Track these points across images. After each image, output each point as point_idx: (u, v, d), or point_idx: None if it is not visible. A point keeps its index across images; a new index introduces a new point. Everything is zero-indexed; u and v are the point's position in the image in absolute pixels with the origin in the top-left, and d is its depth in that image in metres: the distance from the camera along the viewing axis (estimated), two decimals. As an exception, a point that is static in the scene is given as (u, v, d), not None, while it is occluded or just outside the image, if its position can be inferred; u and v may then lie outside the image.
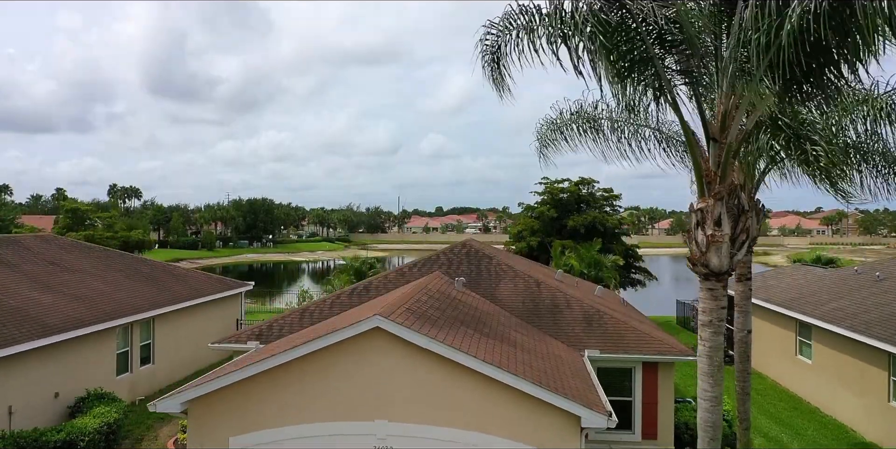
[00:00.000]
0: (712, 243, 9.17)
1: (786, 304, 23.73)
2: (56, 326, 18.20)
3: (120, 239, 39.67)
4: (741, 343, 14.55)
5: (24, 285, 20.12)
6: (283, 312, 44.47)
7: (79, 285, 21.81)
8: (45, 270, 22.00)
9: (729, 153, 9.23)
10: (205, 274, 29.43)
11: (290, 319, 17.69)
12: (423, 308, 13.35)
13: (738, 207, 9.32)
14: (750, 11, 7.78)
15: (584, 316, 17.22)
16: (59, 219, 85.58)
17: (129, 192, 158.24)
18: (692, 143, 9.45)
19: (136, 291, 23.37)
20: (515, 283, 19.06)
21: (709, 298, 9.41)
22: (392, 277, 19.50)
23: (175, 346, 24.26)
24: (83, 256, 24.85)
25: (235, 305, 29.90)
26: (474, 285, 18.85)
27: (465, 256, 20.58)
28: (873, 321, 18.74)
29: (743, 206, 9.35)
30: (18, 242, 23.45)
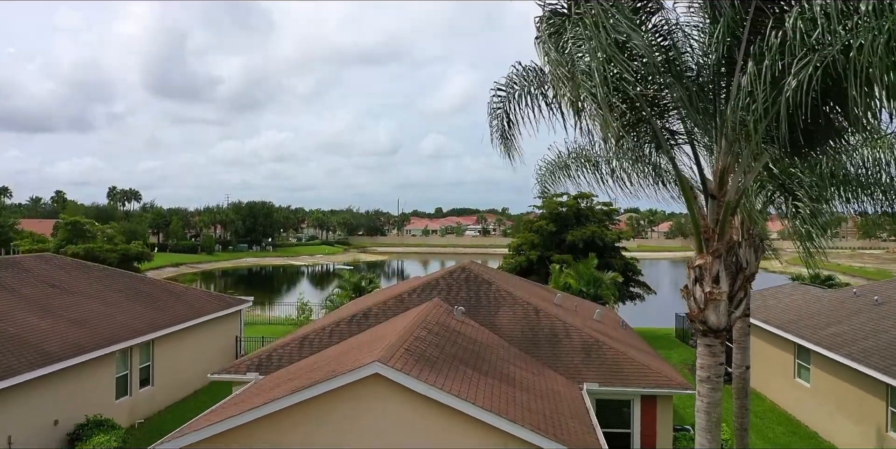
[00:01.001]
0: (710, 301, 9.20)
1: (784, 326, 23.76)
2: (55, 354, 18.22)
3: (120, 251, 39.62)
4: (739, 379, 14.59)
5: (24, 310, 20.14)
6: (282, 321, 44.69)
7: (78, 308, 21.83)
8: (44, 292, 22.02)
9: (727, 211, 9.27)
10: (204, 292, 29.44)
11: (289, 348, 17.71)
12: (423, 346, 13.38)
13: (737, 265, 9.36)
14: (745, 84, 7.83)
15: (582, 346, 17.26)
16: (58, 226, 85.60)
17: (128, 194, 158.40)
18: (690, 199, 9.48)
19: (136, 313, 23.40)
20: (514, 310, 19.09)
21: (707, 354, 9.44)
22: (391, 303, 19.53)
23: (174, 366, 24.27)
24: (82, 276, 24.87)
25: (235, 321, 29.92)
26: (474, 312, 18.89)
27: (464, 282, 20.61)
28: (872, 349, 18.78)
29: (741, 263, 9.39)
30: (18, 263, 23.46)
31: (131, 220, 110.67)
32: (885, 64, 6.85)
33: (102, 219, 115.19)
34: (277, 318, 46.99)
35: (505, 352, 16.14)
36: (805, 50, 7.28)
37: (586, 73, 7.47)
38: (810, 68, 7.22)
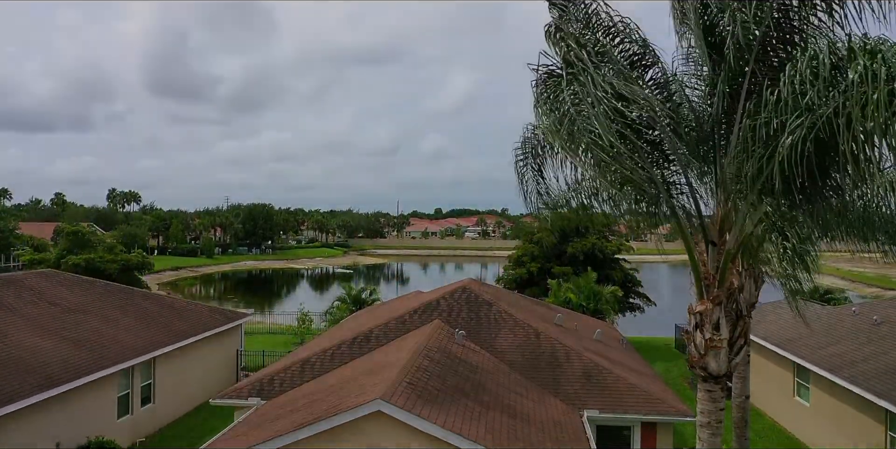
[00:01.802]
0: (711, 348, 9.27)
1: (784, 344, 23.84)
2: (58, 377, 18.27)
3: (120, 262, 39.67)
4: (739, 409, 14.66)
5: (26, 331, 20.19)
6: (283, 330, 44.69)
7: (80, 327, 21.88)
8: (46, 311, 22.07)
9: (728, 258, 9.33)
10: (205, 306, 29.50)
11: (291, 372, 17.75)
12: (425, 378, 13.46)
13: (737, 312, 9.42)
14: (740, 140, 7.91)
15: (583, 371, 17.33)
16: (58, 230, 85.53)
17: (128, 196, 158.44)
18: (690, 245, 9.55)
19: (137, 331, 23.45)
20: (515, 332, 19.17)
21: (707, 400, 9.51)
22: (392, 325, 19.59)
23: (176, 383, 24.33)
24: (84, 292, 24.93)
25: (235, 335, 29.97)
26: (474, 335, 18.96)
27: (464, 302, 20.68)
28: (871, 372, 18.85)
29: (741, 310, 9.45)
30: (20, 281, 23.52)
31: (131, 224, 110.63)
32: (879, 127, 6.91)
33: (102, 222, 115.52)
34: (278, 326, 47.02)
35: (506, 378, 16.21)
36: (798, 111, 7.34)
37: (583, 132, 7.56)
38: (804, 128, 7.29)
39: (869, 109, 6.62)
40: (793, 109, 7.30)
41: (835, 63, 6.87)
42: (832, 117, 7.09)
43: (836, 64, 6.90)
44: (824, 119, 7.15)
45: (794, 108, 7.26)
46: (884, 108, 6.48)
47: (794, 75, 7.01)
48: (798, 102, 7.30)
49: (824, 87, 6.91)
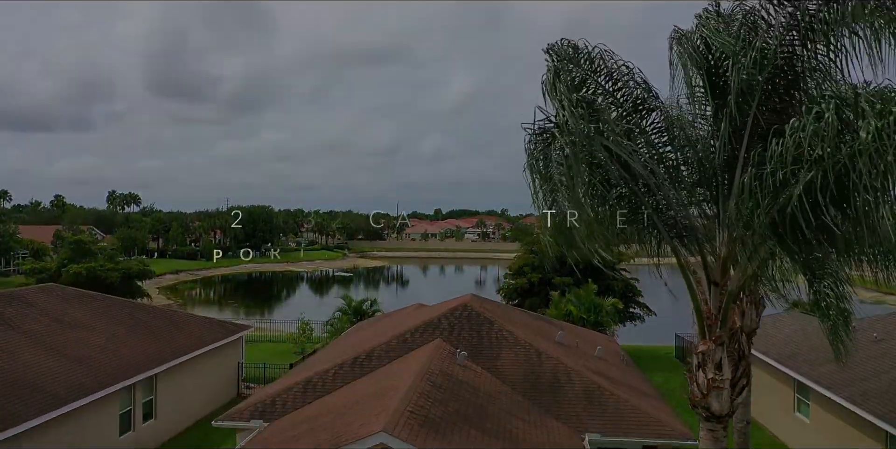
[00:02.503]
0: (713, 388, 9.32)
1: (784, 360, 23.88)
2: (61, 397, 18.32)
3: (121, 270, 39.72)
4: (740, 434, 14.72)
5: (28, 349, 20.24)
6: (283, 338, 44.69)
7: (81, 344, 21.93)
8: (48, 328, 22.12)
9: (730, 299, 9.39)
10: (205, 318, 29.53)
11: (293, 393, 17.79)
12: (427, 405, 13.50)
13: (739, 352, 9.47)
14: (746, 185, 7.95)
15: (584, 392, 17.38)
16: (58, 235, 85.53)
17: (127, 198, 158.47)
18: (692, 286, 9.60)
19: (138, 346, 23.50)
20: (516, 352, 19.21)
21: (709, 439, 9.57)
22: (394, 344, 19.62)
23: (177, 398, 24.38)
24: (85, 307, 24.97)
25: (236, 347, 30.02)
26: (476, 354, 19.00)
27: (465, 320, 20.71)
28: (871, 392, 18.90)
29: (743, 350, 9.51)
30: (22, 297, 23.57)
31: (131, 227, 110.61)
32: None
33: (102, 224, 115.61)
34: (279, 331, 47.06)
35: (507, 401, 16.25)
36: (807, 164, 7.39)
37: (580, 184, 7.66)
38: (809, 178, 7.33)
39: (881, 164, 6.69)
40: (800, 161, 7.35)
41: (844, 119, 6.92)
42: (843, 169, 7.16)
43: (844, 119, 6.95)
44: (833, 170, 7.20)
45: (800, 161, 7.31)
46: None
47: (801, 131, 7.07)
48: (805, 155, 7.35)
49: (833, 145, 6.96)
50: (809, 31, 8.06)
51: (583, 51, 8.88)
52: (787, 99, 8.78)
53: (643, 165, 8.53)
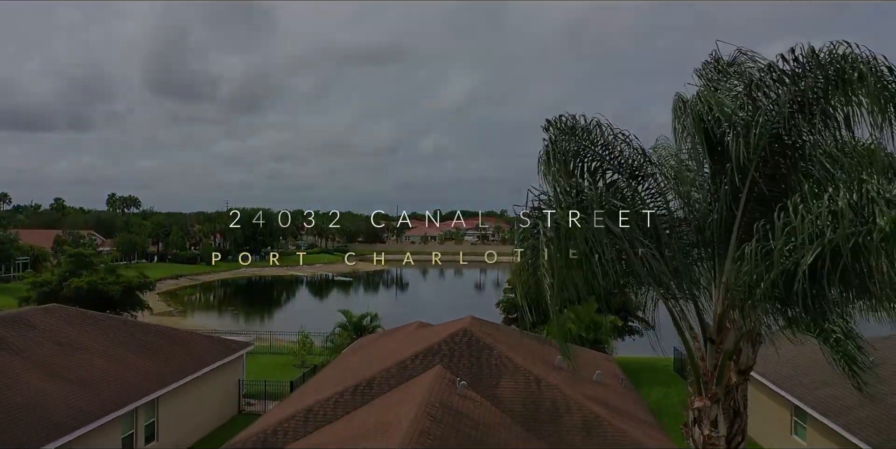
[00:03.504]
0: (709, 445, 9.49)
1: (781, 382, 24.05)
2: (64, 423, 18.49)
3: (122, 283, 39.91)
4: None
5: (31, 374, 20.40)
6: (284, 350, 44.88)
7: (84, 368, 22.10)
8: (50, 351, 22.28)
9: (726, 357, 9.55)
10: (206, 336, 29.70)
11: (294, 422, 17.94)
12: (428, 442, 13.67)
13: (735, 409, 9.64)
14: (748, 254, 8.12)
15: (583, 423, 17.53)
16: (59, 241, 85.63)
17: (127, 201, 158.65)
18: (688, 343, 9.77)
19: (141, 368, 23.67)
20: (516, 380, 19.37)
21: (705, 489, 9.72)
22: (394, 371, 19.78)
23: (179, 418, 24.55)
24: (87, 329, 25.13)
25: (237, 365, 30.19)
26: (475, 382, 19.16)
27: (465, 346, 20.88)
28: (867, 420, 19.08)
29: (739, 407, 9.67)
30: (24, 319, 23.73)
31: (131, 231, 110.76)
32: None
33: (102, 228, 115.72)
34: (279, 340, 47.23)
35: (507, 434, 16.42)
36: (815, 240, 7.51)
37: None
38: (814, 253, 7.49)
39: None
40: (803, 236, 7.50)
41: (853, 205, 7.09)
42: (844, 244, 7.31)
43: (853, 205, 7.12)
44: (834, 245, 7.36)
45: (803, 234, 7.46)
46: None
47: (809, 214, 7.25)
48: (813, 226, 7.49)
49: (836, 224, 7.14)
50: (808, 104, 8.24)
51: (580, 124, 9.10)
52: (785, 165, 8.95)
53: (637, 230, 8.70)
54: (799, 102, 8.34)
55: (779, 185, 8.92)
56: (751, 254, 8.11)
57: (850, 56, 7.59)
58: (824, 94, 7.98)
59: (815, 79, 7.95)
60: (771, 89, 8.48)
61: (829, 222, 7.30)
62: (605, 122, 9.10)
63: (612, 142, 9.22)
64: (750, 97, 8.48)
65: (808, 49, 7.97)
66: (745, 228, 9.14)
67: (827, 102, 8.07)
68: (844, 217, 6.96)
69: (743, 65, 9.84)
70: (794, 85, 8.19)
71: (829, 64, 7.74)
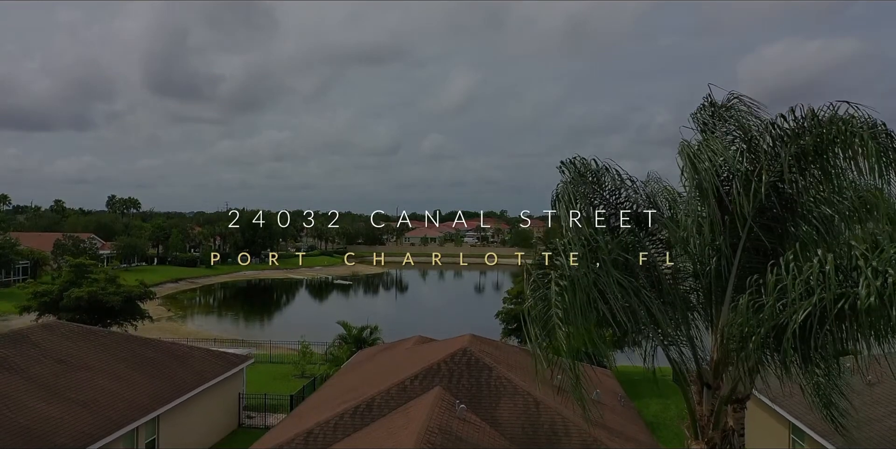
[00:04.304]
0: (706, 489, 9.58)
1: (778, 399, 24.12)
2: (66, 446, 18.57)
3: (123, 293, 39.99)
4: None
5: (32, 395, 20.48)
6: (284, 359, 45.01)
7: (85, 387, 22.18)
8: (51, 370, 22.36)
9: (723, 402, 9.65)
10: (206, 350, 29.78)
11: (294, 446, 18.06)
12: (427, 474, 13.78)
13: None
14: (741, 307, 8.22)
15: (581, 446, 17.63)
16: (59, 245, 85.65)
17: (127, 203, 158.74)
18: (686, 387, 9.86)
19: (142, 386, 23.76)
20: (515, 401, 19.46)
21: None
22: (394, 392, 19.87)
23: (179, 435, 24.65)
24: (88, 345, 25.23)
25: (238, 378, 30.28)
26: (475, 403, 19.26)
27: (465, 367, 20.97)
28: (863, 440, 19.17)
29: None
30: (26, 337, 23.81)
31: (131, 235, 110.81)
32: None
33: (102, 231, 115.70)
34: (279, 354, 47.31)
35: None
36: (800, 295, 7.65)
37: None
38: (807, 310, 7.60)
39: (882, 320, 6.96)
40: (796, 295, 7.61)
41: (842, 268, 7.19)
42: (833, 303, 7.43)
43: (842, 268, 7.22)
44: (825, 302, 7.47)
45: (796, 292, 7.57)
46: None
47: (800, 275, 7.35)
48: (807, 285, 7.60)
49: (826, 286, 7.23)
50: (807, 160, 8.35)
51: (591, 167, 9.24)
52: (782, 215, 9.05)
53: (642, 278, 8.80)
54: (798, 157, 8.44)
55: (775, 234, 9.01)
56: (744, 307, 8.22)
57: (849, 120, 7.68)
58: (824, 151, 8.08)
59: (814, 138, 8.05)
60: (770, 144, 8.58)
61: (819, 283, 7.41)
62: (614, 166, 9.26)
63: (619, 186, 9.34)
64: (750, 151, 8.58)
65: (808, 110, 8.07)
66: (742, 275, 9.25)
67: (826, 160, 8.17)
68: (832, 281, 7.06)
69: (737, 108, 9.95)
70: (793, 143, 8.30)
71: (829, 124, 7.83)
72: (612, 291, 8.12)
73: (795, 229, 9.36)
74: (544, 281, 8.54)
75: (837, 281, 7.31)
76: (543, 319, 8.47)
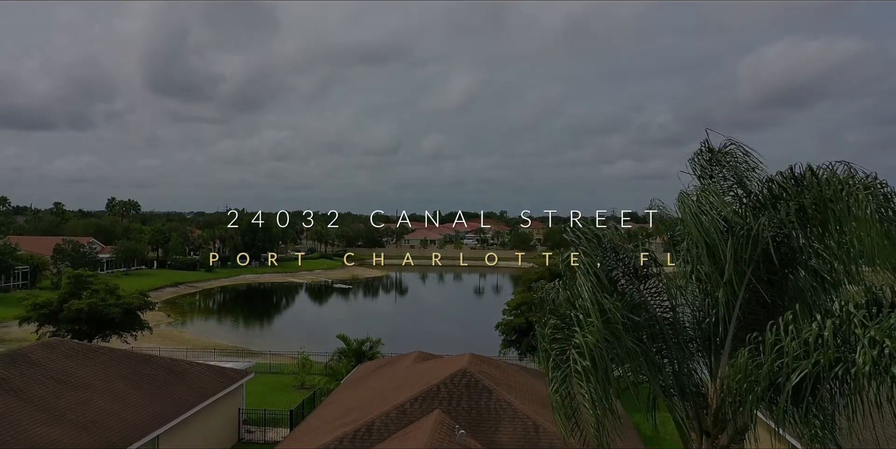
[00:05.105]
0: (705, 538, 9.59)
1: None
2: (65, 471, 18.60)
3: (122, 305, 40.00)
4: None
5: (32, 417, 20.47)
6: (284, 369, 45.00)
7: (85, 407, 22.18)
8: (51, 391, 22.36)
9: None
10: (206, 367, 29.78)
11: (294, 471, 18.08)
12: (426, 507, 13.79)
13: (730, 503, 9.73)
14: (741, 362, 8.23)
15: (581, 473, 17.64)
16: (59, 250, 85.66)
17: (127, 205, 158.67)
18: (686, 436, 9.87)
19: (142, 406, 23.76)
20: (514, 425, 19.47)
21: None
22: (394, 415, 19.88)
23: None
24: (88, 364, 25.23)
25: (238, 393, 30.28)
26: (475, 427, 19.27)
27: (464, 389, 20.98)
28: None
29: (735, 501, 9.77)
30: (25, 356, 23.81)
31: (131, 238, 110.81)
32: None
33: (102, 235, 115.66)
34: (279, 363, 47.32)
35: (505, 488, 16.52)
36: (796, 357, 7.68)
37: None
38: (803, 372, 7.63)
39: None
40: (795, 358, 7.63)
41: (841, 333, 7.21)
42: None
43: (841, 333, 7.24)
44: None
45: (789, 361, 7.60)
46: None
47: (797, 339, 7.36)
48: (795, 352, 7.64)
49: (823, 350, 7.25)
50: (806, 217, 8.36)
51: (596, 233, 9.31)
52: (780, 269, 9.06)
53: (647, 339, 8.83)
54: (798, 213, 8.44)
55: (774, 286, 9.02)
56: (743, 364, 8.24)
57: (848, 180, 7.69)
58: (823, 209, 8.08)
59: (813, 197, 8.06)
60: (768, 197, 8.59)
61: (818, 346, 7.44)
62: (613, 224, 9.26)
63: (619, 244, 9.36)
64: (749, 208, 8.59)
65: (807, 168, 8.07)
66: (741, 326, 9.26)
67: (825, 218, 8.17)
68: (830, 346, 7.08)
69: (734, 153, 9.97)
70: (793, 201, 8.30)
71: (828, 184, 7.83)
72: (626, 357, 8.15)
73: (794, 276, 9.37)
74: (563, 358, 8.56)
75: (835, 345, 7.33)
76: (567, 406, 8.51)
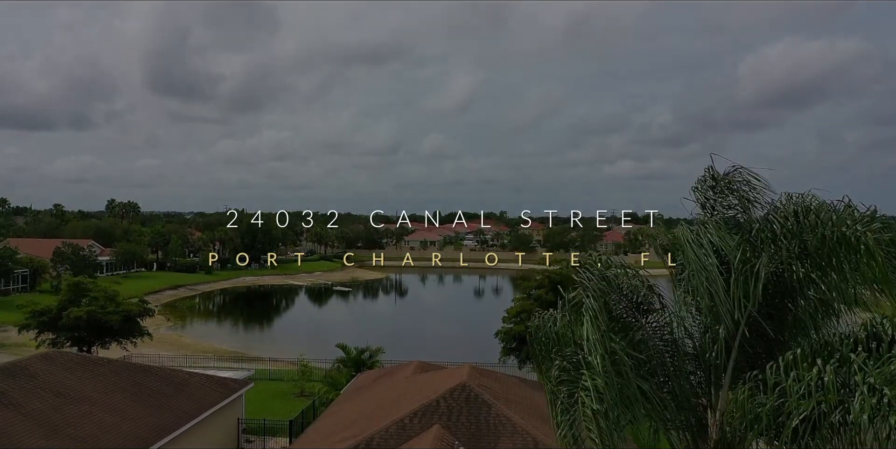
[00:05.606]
0: None
1: (779, 431, 24.16)
2: (63, 487, 18.57)
3: (122, 312, 39.98)
4: None
5: (31, 432, 20.43)
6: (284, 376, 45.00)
7: (84, 421, 22.15)
8: (50, 405, 22.32)
9: (722, 484, 9.62)
10: (206, 377, 29.75)
11: (293, 489, 18.05)
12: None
13: (730, 536, 9.70)
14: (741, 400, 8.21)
15: (580, 491, 17.62)
16: (59, 253, 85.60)
17: (127, 207, 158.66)
18: (686, 468, 9.83)
19: (141, 418, 23.72)
20: (514, 442, 19.43)
21: None
22: (393, 431, 19.87)
23: (178, 466, 24.63)
24: (87, 376, 25.19)
25: (238, 404, 30.26)
26: (474, 443, 19.23)
27: (464, 403, 20.95)
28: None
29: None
30: (25, 369, 23.77)
31: (130, 241, 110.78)
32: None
33: (101, 237, 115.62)
34: (278, 369, 47.31)
35: (505, 507, 16.50)
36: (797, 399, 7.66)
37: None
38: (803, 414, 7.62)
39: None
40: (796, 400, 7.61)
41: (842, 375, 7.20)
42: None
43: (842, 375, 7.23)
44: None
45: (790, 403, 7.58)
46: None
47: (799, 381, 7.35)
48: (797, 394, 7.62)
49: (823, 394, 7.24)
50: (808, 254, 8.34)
51: (605, 275, 9.31)
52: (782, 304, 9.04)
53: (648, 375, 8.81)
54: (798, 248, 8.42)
55: (775, 321, 9.00)
56: (743, 401, 8.23)
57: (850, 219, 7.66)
58: (825, 247, 8.05)
59: (817, 237, 8.02)
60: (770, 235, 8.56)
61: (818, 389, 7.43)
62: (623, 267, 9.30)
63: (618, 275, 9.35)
64: (749, 244, 8.56)
65: (806, 208, 8.05)
66: (742, 359, 9.24)
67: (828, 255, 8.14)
68: (831, 392, 7.06)
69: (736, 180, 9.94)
70: (795, 239, 8.28)
71: (829, 224, 7.80)
72: (634, 398, 8.13)
73: (794, 306, 9.35)
74: (571, 402, 8.53)
75: (836, 389, 7.31)
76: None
